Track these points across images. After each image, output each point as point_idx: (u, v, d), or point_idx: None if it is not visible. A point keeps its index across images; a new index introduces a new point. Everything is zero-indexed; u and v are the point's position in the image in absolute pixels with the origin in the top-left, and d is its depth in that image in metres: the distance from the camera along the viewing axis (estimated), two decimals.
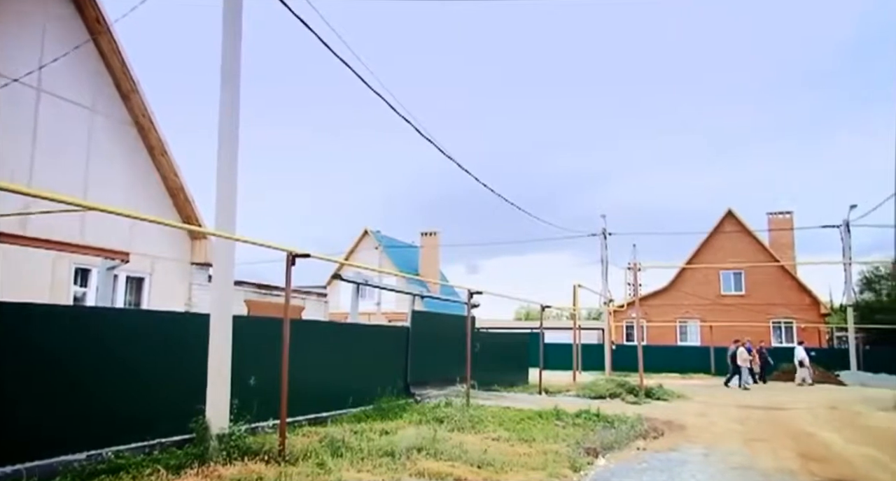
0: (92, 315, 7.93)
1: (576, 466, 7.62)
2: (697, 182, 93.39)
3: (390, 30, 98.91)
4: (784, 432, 11.65)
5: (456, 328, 15.55)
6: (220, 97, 7.89)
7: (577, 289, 26.99)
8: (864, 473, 7.85)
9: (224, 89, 7.88)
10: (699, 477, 7.49)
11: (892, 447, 10.03)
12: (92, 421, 6.76)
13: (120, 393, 7.13)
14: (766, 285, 37.62)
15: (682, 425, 12.26)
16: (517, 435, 9.53)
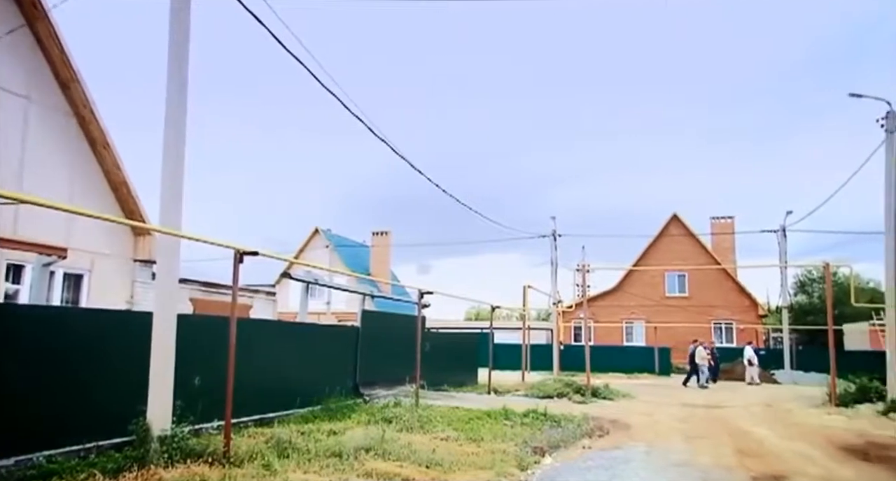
0: (24, 313, 7.60)
1: (523, 465, 7.71)
2: (646, 186, 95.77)
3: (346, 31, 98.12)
4: (723, 429, 12.05)
5: (406, 328, 15.51)
6: (166, 89, 7.67)
7: (527, 289, 27.32)
8: (794, 467, 8.18)
9: (171, 81, 7.66)
10: (641, 474, 7.67)
11: (820, 442, 10.49)
12: (21, 424, 6.46)
13: (54, 394, 6.85)
14: (709, 287, 38.88)
15: (627, 424, 12.54)
16: (466, 434, 9.57)
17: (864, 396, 16.62)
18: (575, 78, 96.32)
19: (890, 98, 16.33)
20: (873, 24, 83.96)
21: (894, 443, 10.59)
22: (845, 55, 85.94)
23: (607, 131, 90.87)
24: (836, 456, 9.22)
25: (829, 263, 21.63)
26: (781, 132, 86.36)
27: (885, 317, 17.28)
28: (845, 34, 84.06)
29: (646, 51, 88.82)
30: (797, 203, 79.95)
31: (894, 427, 12.66)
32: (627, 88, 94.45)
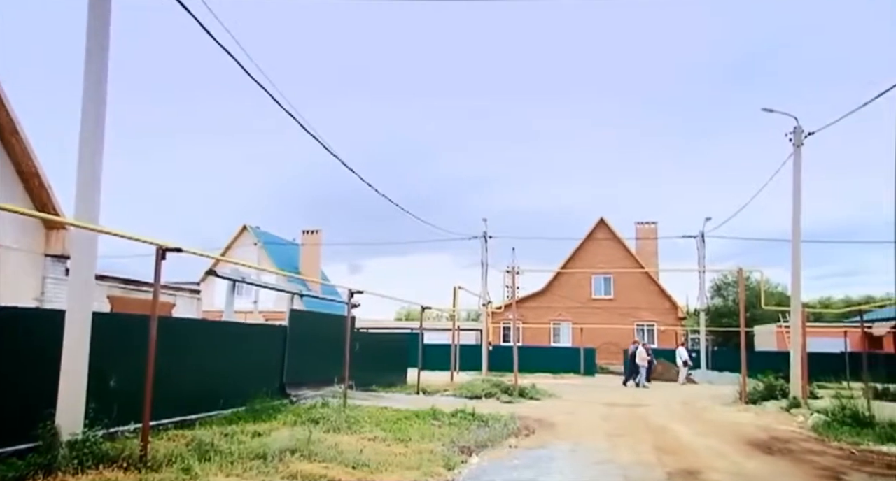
0: None
1: (450, 465, 7.75)
2: (576, 189, 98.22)
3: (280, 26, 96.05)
4: (643, 427, 12.50)
5: (335, 328, 15.35)
6: (84, 77, 7.30)
7: (457, 290, 27.50)
8: (706, 463, 8.59)
9: (88, 69, 7.29)
10: (565, 471, 7.87)
11: (730, 438, 11.05)
12: None
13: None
14: (632, 290, 40.26)
15: (553, 423, 12.82)
16: (393, 435, 9.55)
17: (771, 394, 17.63)
18: (508, 80, 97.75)
19: (798, 114, 17.39)
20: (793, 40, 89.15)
21: (794, 437, 11.27)
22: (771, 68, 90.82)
23: (539, 134, 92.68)
24: (744, 451, 9.73)
25: (742, 269, 22.85)
26: (706, 140, 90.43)
27: (790, 320, 18.37)
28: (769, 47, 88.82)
29: (580, 55, 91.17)
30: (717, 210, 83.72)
31: (796, 422, 13.48)
32: (560, 92, 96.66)
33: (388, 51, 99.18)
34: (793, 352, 17.17)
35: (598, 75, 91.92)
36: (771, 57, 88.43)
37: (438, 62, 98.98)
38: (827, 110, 31.31)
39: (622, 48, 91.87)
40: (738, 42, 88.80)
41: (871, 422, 11.51)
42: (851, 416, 11.97)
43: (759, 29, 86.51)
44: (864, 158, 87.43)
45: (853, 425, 11.58)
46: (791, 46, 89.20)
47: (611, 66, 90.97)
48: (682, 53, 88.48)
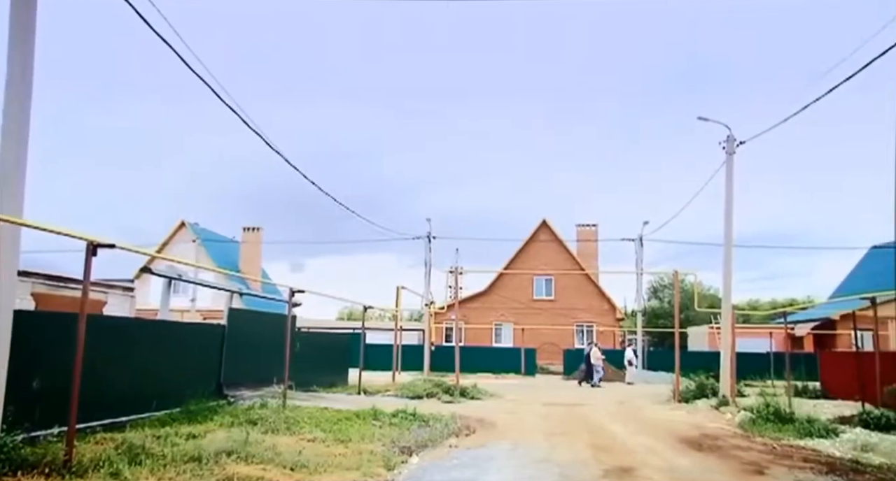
0: None
1: (390, 465, 7.73)
2: (519, 191, 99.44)
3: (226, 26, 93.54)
4: (581, 426, 12.76)
5: (276, 327, 15.08)
6: (7, 63, 6.94)
7: (400, 290, 27.44)
8: (641, 460, 8.84)
9: (13, 48, 6.94)
10: (504, 470, 7.95)
11: (663, 435, 11.41)
12: None
13: None
14: (573, 291, 41.06)
15: (493, 422, 12.94)
16: (333, 435, 9.46)
17: (702, 392, 18.29)
18: (454, 81, 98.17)
19: (730, 123, 18.09)
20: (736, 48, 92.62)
21: (723, 434, 11.73)
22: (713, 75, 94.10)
23: (485, 135, 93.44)
24: (676, 448, 10.06)
25: (677, 271, 23.59)
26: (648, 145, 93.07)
27: (721, 321, 19.11)
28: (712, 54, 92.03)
29: (525, 58, 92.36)
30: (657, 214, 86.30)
31: (724, 419, 14.04)
32: (506, 94, 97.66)
33: (333, 51, 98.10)
34: (723, 353, 17.85)
35: (545, 78, 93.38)
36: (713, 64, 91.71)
37: (384, 63, 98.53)
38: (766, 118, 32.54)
39: (568, 52, 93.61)
40: (682, 49, 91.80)
41: (792, 418, 12.09)
42: (774, 413, 12.54)
43: (704, 37, 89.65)
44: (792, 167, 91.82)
45: (776, 421, 12.14)
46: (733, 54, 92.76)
47: (557, 70, 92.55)
48: (627, 58, 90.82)
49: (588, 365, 26.84)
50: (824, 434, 10.81)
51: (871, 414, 12.00)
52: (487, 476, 7.59)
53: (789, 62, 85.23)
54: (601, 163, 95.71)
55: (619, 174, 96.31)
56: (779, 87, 78.32)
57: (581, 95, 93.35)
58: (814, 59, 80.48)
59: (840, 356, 22.40)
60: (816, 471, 8.05)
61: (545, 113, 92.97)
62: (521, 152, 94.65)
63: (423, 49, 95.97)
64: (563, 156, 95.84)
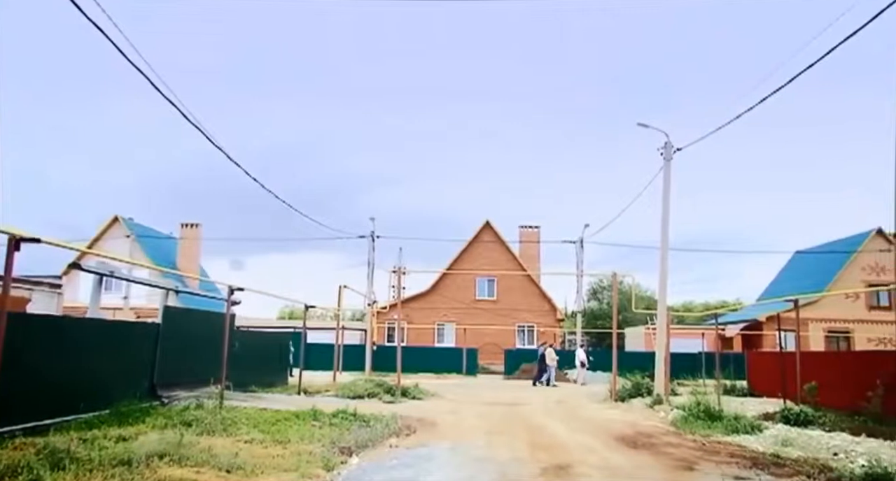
0: None
1: (329, 466, 7.65)
2: (464, 192, 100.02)
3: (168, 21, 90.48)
4: (521, 425, 12.94)
5: (213, 326, 14.69)
6: None
7: (343, 289, 27.19)
8: (578, 458, 9.04)
9: None
10: (444, 469, 7.99)
11: (600, 434, 11.70)
12: None
13: None
14: (515, 292, 41.58)
15: (434, 422, 12.98)
16: (272, 436, 9.29)
17: (638, 391, 18.83)
18: (397, 81, 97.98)
19: (672, 129, 18.73)
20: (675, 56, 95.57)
21: (656, 432, 12.11)
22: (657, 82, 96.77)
23: (431, 136, 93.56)
24: (612, 446, 10.33)
25: (616, 273, 24.23)
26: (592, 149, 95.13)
27: (657, 322, 19.72)
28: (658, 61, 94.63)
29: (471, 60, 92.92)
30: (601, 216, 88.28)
31: (658, 417, 14.49)
32: (451, 95, 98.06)
33: (281, 48, 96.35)
34: (658, 353, 18.42)
35: (491, 81, 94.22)
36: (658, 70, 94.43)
37: (333, 61, 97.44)
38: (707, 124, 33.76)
39: (515, 55, 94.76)
40: (627, 54, 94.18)
41: (721, 416, 12.58)
42: (705, 411, 13.02)
43: (648, 43, 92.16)
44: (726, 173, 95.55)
45: (706, 419, 12.61)
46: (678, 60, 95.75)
47: (503, 73, 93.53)
48: (575, 64, 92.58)
49: (543, 365, 27.21)
50: (749, 430, 11.29)
51: (791, 411, 12.62)
52: (427, 475, 7.60)
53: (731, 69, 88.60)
54: (546, 166, 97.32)
55: (563, 177, 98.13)
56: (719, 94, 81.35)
57: (528, 99, 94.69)
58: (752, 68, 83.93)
59: (765, 356, 23.45)
60: (741, 466, 8.41)
61: (492, 115, 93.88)
62: (466, 153, 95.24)
63: (373, 48, 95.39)
64: (508, 159, 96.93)
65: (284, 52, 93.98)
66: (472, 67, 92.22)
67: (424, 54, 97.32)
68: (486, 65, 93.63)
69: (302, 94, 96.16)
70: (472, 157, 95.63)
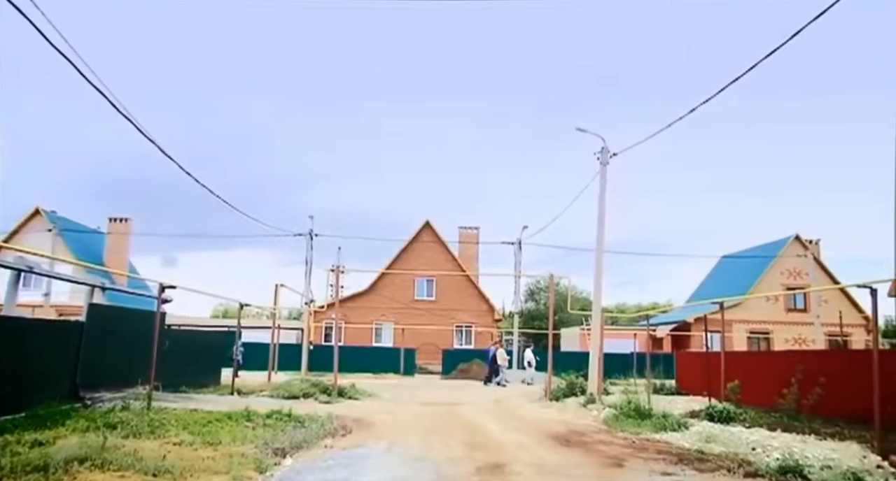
0: None
1: (262, 467, 7.50)
2: (404, 192, 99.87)
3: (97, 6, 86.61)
4: (457, 425, 13.02)
5: (142, 325, 14.17)
6: None
7: (279, 288, 26.72)
8: (512, 456, 9.16)
9: None
10: (380, 470, 7.95)
11: (534, 432, 11.90)
12: None
13: None
14: (453, 292, 41.80)
15: (371, 422, 12.90)
16: (202, 438, 9.02)
17: (572, 391, 19.24)
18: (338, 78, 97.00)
19: (605, 135, 19.19)
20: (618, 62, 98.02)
21: (589, 430, 12.42)
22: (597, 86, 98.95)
23: (372, 134, 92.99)
24: (546, 444, 10.52)
25: (553, 275, 24.69)
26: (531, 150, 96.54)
27: (591, 323, 20.22)
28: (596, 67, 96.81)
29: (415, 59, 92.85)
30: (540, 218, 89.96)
31: (591, 416, 14.85)
32: (394, 94, 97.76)
33: (216, 43, 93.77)
34: (592, 353, 18.87)
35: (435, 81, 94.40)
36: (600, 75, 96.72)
37: (275, 56, 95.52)
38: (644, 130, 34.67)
39: (459, 57, 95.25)
40: (569, 59, 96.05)
41: (650, 414, 13.01)
42: (635, 410, 13.43)
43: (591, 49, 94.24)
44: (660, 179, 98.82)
45: (636, 417, 13.01)
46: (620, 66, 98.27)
47: (448, 74, 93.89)
48: (516, 65, 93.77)
49: (494, 365, 27.42)
50: (677, 427, 11.72)
51: (715, 409, 13.16)
52: (362, 476, 7.55)
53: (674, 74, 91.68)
54: (487, 168, 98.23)
55: (504, 179, 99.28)
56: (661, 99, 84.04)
57: (471, 100, 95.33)
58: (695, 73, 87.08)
59: (692, 355, 24.37)
60: (668, 462, 8.72)
61: (434, 115, 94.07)
62: (406, 154, 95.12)
63: (311, 47, 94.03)
64: (448, 160, 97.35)
65: (220, 47, 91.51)
66: (412, 68, 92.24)
67: (364, 53, 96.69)
68: (426, 66, 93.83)
69: (237, 90, 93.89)
70: (412, 158, 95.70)
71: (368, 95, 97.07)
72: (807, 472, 7.61)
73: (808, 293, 36.31)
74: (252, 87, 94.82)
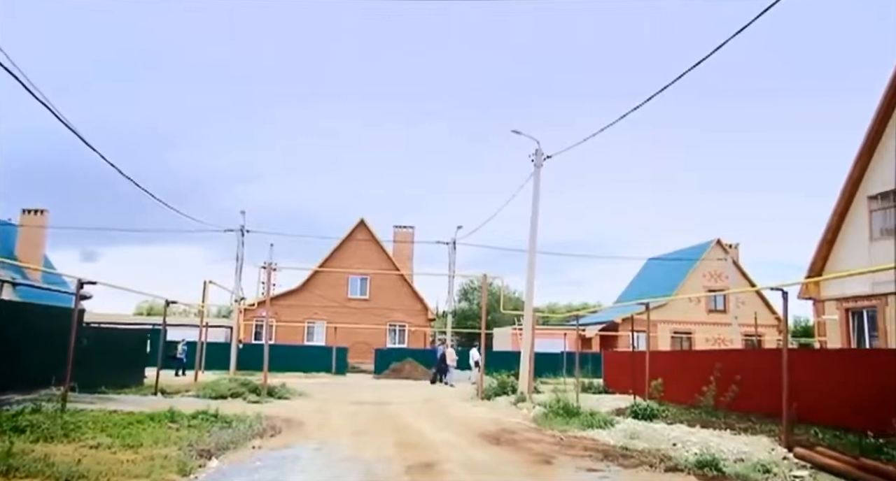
0: None
1: (185, 470, 7.26)
2: (338, 190, 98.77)
3: None
4: (388, 424, 12.98)
5: (58, 322, 13.49)
6: None
7: (208, 285, 25.94)
8: (443, 455, 9.21)
9: None
10: (309, 470, 7.84)
11: (465, 431, 12.00)
12: None
13: None
14: (387, 291, 41.64)
15: (301, 422, 12.71)
16: (121, 441, 8.64)
17: (503, 390, 19.52)
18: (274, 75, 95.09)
19: (542, 135, 19.56)
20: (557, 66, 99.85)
21: (519, 428, 12.62)
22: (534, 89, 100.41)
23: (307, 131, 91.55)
24: (476, 443, 10.63)
25: (486, 275, 24.94)
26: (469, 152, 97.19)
27: (523, 323, 20.56)
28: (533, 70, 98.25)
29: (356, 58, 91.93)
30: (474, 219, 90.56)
31: (521, 414, 15.10)
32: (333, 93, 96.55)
33: (144, 31, 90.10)
34: (523, 352, 19.19)
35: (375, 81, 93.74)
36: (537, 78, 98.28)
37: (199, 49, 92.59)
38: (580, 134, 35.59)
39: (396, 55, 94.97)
40: (507, 62, 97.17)
41: (578, 412, 13.35)
42: (564, 408, 13.75)
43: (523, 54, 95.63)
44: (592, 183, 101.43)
45: (565, 415, 13.32)
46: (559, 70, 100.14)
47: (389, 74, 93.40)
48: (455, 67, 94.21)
49: (442, 364, 27.42)
50: (603, 425, 12.06)
51: (640, 406, 13.63)
52: (291, 476, 7.43)
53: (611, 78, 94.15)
54: (424, 168, 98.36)
55: (441, 179, 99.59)
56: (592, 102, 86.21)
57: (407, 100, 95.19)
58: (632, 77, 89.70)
59: (619, 355, 25.15)
60: (594, 458, 8.97)
61: (370, 114, 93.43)
62: (344, 152, 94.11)
63: (248, 40, 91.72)
64: (386, 159, 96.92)
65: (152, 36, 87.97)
66: (349, 67, 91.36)
67: (299, 51, 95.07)
68: (364, 66, 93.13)
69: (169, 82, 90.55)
70: (348, 157, 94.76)
71: (303, 93, 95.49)
72: (722, 466, 7.99)
73: (727, 295, 38.10)
74: (185, 80, 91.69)
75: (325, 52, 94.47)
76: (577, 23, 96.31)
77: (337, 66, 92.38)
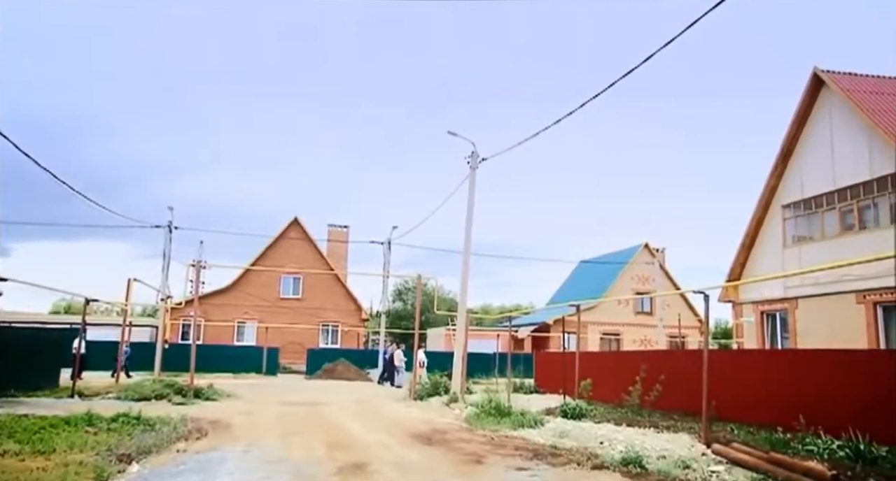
0: None
1: (102, 476, 6.95)
2: (272, 187, 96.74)
3: None
4: (319, 425, 12.80)
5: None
6: None
7: (132, 282, 24.89)
8: (374, 456, 9.17)
9: None
10: (236, 473, 7.65)
11: (397, 432, 11.98)
12: None
13: None
14: (320, 291, 41.10)
15: (228, 424, 12.39)
16: (32, 447, 8.20)
17: (436, 390, 19.60)
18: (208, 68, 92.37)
19: (478, 136, 19.76)
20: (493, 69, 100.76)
21: (451, 428, 12.69)
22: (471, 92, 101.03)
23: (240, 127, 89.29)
24: (408, 443, 10.63)
25: (421, 275, 25.00)
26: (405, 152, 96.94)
27: (456, 323, 20.69)
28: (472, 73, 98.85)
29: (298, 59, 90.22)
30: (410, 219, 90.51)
31: (453, 414, 15.20)
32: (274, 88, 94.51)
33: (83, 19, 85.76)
34: (456, 353, 19.31)
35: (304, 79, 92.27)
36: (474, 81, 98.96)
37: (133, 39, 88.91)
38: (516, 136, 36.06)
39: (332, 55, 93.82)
40: (445, 64, 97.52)
41: (510, 412, 13.54)
42: (495, 408, 13.92)
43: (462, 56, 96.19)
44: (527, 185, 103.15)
45: (496, 415, 13.48)
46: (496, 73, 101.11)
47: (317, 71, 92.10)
48: (392, 67, 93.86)
49: (391, 365, 27.17)
50: (533, 424, 12.29)
51: (569, 406, 13.96)
52: (216, 479, 7.24)
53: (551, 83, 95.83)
54: (359, 168, 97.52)
55: (376, 179, 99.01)
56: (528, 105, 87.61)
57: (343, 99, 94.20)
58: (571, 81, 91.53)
59: (550, 355, 25.66)
60: (524, 457, 9.12)
61: (307, 113, 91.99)
62: (278, 150, 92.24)
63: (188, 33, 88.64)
64: (321, 158, 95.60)
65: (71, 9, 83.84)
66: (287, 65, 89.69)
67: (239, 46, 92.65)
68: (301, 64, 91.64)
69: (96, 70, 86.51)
70: (283, 154, 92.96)
71: (240, 90, 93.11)
72: (645, 462, 8.28)
73: (653, 297, 39.50)
74: (112, 69, 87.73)
75: (265, 52, 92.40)
76: (514, 26, 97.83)
77: (276, 66, 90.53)
